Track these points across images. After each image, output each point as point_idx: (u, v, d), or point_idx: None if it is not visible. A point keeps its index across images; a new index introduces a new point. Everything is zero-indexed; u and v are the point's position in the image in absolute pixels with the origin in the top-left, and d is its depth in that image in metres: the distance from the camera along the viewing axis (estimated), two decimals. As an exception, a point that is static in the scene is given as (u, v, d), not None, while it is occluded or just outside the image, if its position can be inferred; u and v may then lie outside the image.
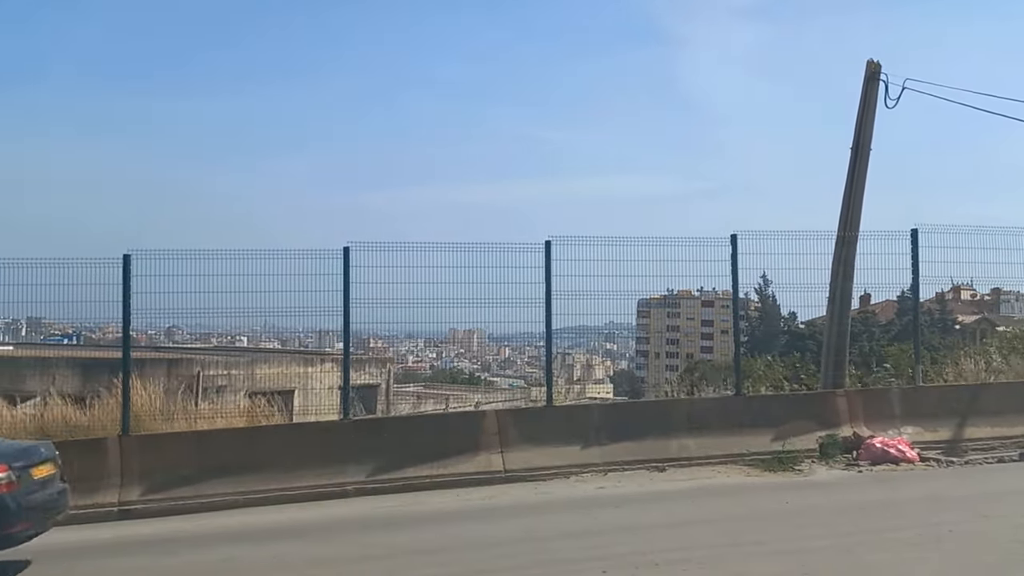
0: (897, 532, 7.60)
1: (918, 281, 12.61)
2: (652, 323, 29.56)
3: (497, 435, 11.03)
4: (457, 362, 42.41)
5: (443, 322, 12.79)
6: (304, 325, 13.57)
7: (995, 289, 27.58)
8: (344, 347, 11.61)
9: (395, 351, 22.30)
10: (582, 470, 10.89)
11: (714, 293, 18.46)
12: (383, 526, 8.96)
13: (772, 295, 27.48)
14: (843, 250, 12.86)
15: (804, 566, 6.67)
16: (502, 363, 52.06)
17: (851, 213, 13.04)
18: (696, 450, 11.19)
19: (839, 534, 7.61)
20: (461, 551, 7.83)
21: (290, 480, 10.33)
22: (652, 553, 7.23)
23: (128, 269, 10.55)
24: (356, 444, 10.66)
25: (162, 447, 10.50)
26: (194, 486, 10.12)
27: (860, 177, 13.17)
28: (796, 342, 22.97)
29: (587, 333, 14.57)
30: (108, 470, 10.04)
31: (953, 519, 7.93)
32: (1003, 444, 11.51)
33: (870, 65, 13.19)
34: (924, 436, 11.58)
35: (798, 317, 25.46)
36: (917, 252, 12.43)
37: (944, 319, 29.12)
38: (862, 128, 13.22)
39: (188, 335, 20.04)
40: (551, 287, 11.38)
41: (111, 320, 11.75)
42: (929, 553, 6.94)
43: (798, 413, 11.74)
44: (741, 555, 7.17)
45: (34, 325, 16.98)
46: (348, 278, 11.01)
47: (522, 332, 13.32)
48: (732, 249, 11.96)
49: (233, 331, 18.74)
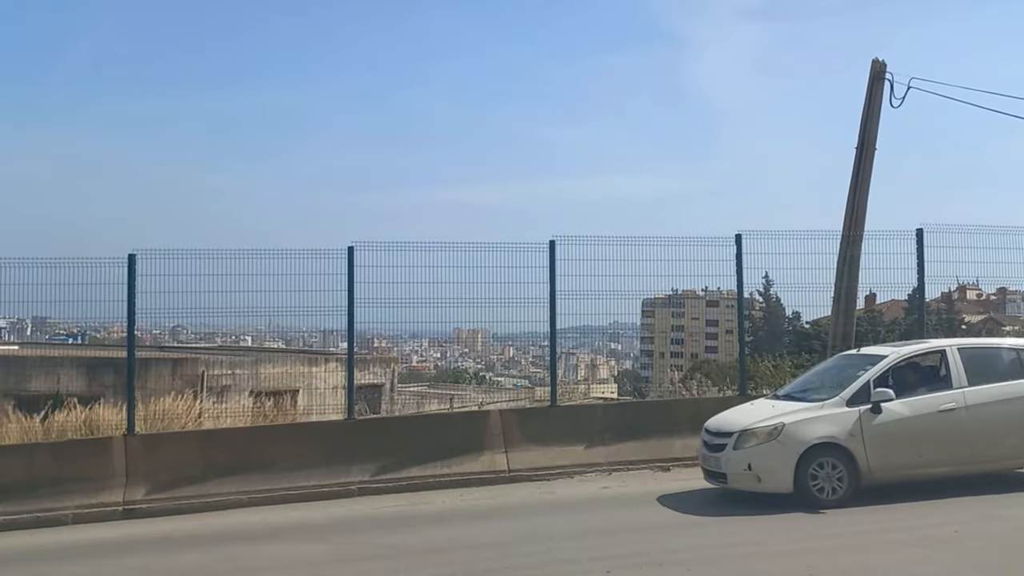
0: (902, 532, 7.59)
1: (923, 280, 12.55)
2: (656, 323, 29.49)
3: (501, 435, 11.03)
4: (461, 362, 42.40)
5: (447, 322, 12.79)
6: (308, 325, 13.58)
7: (1001, 289, 27.56)
8: (348, 347, 11.63)
9: (399, 351, 22.31)
10: (586, 470, 10.88)
11: (719, 293, 18.41)
12: (387, 526, 8.97)
13: (776, 295, 27.53)
14: (848, 249, 12.83)
15: (810, 567, 6.66)
16: (506, 363, 52.08)
17: (856, 212, 13.02)
18: (701, 450, 11.18)
19: (844, 534, 7.59)
20: (465, 551, 7.82)
21: (294, 480, 10.34)
22: (656, 553, 7.22)
23: (133, 268, 10.56)
24: (360, 444, 10.67)
25: (167, 446, 10.52)
26: (199, 485, 10.14)
27: (865, 176, 13.14)
28: (801, 342, 22.92)
29: (591, 333, 14.55)
30: (113, 470, 10.06)
31: (958, 519, 7.90)
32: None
33: (875, 64, 13.15)
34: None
35: (803, 317, 25.39)
36: (922, 251, 12.38)
37: (950, 319, 29.08)
38: (867, 127, 13.18)
39: (193, 335, 20.10)
40: (555, 287, 11.37)
41: (116, 320, 11.78)
42: (934, 553, 6.92)
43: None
44: (745, 555, 7.16)
45: (39, 325, 17.02)
46: (352, 278, 11.01)
47: (526, 332, 13.33)
48: (737, 249, 11.93)
49: (237, 331, 18.77)
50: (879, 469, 8.74)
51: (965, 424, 8.92)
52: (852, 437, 8.74)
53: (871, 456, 8.71)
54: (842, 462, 8.67)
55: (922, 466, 8.88)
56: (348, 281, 11.01)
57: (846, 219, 13.06)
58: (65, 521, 9.62)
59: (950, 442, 8.89)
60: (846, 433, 8.75)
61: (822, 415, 8.91)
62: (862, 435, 8.75)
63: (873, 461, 8.71)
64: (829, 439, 8.73)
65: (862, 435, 8.75)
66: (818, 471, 8.63)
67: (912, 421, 8.87)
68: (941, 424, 8.90)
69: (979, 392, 9.03)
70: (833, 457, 8.68)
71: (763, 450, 8.80)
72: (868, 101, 13.18)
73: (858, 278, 12.96)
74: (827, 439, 8.73)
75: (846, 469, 8.66)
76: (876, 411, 8.82)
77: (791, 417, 8.94)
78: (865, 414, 8.82)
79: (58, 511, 9.66)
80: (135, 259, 10.57)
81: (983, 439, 8.96)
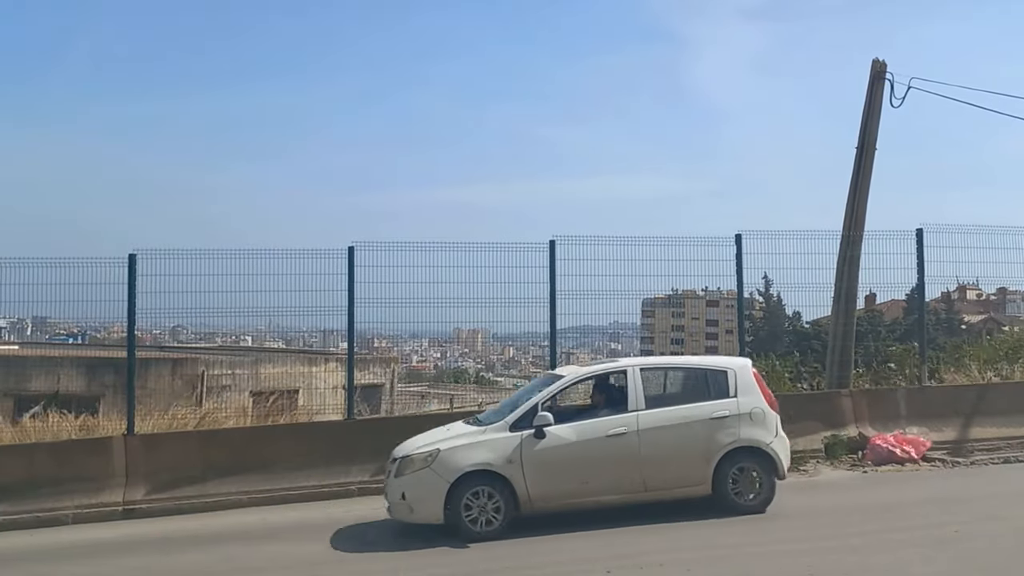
0: (902, 533, 7.58)
1: (923, 280, 12.57)
2: (657, 323, 29.38)
3: (501, 435, 10.99)
4: (461, 362, 42.38)
5: (447, 322, 12.80)
6: (308, 325, 13.57)
7: (1001, 289, 27.50)
8: (348, 347, 11.63)
9: (399, 351, 22.29)
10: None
11: (719, 293, 18.38)
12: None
13: (777, 295, 27.50)
14: (848, 249, 12.82)
15: (810, 567, 6.66)
16: (506, 363, 52.02)
17: (856, 212, 13.00)
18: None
19: (844, 535, 7.58)
20: (465, 550, 7.83)
21: (294, 480, 10.34)
22: (657, 553, 7.24)
23: (134, 268, 10.57)
24: (360, 444, 10.65)
25: (167, 447, 10.51)
26: (199, 485, 10.15)
27: (865, 177, 13.13)
28: (801, 342, 22.89)
29: (592, 333, 14.54)
30: (113, 470, 10.07)
31: (959, 520, 7.90)
32: (1009, 444, 11.46)
33: (875, 64, 13.14)
34: (930, 436, 11.51)
35: (803, 317, 25.35)
36: (922, 251, 12.40)
37: (950, 319, 29.05)
38: (867, 127, 13.17)
39: (193, 335, 20.09)
40: (555, 287, 11.38)
41: (116, 319, 11.78)
42: (935, 553, 6.91)
43: (803, 413, 11.67)
44: (745, 555, 7.17)
45: (39, 325, 17.01)
46: (353, 278, 11.03)
47: (526, 332, 13.32)
48: (737, 249, 11.95)
49: (238, 331, 18.75)
50: (540, 498, 8.22)
51: (636, 449, 8.37)
52: (511, 464, 8.19)
53: (531, 484, 8.17)
54: (499, 491, 8.13)
55: (588, 494, 8.34)
56: (348, 281, 11.02)
57: (846, 219, 13.05)
58: (65, 521, 9.63)
59: (619, 468, 8.35)
60: (504, 460, 8.20)
61: (482, 440, 8.36)
62: (521, 462, 8.20)
63: (533, 489, 8.18)
64: (485, 466, 8.18)
65: (521, 462, 8.20)
66: (473, 501, 8.09)
67: (577, 446, 8.32)
68: (609, 449, 8.35)
69: (654, 415, 8.50)
70: (490, 486, 8.14)
71: (417, 478, 8.23)
72: (868, 101, 13.18)
73: (858, 278, 12.95)
74: (482, 466, 8.18)
75: (503, 498, 8.12)
76: (539, 436, 8.26)
77: (449, 443, 8.40)
78: (527, 439, 8.26)
79: (58, 511, 9.67)
80: (135, 259, 10.58)
81: (654, 465, 8.40)
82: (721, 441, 8.55)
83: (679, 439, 8.50)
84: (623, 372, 8.86)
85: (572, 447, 8.34)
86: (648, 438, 8.43)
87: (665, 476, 8.49)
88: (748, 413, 8.67)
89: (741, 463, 8.58)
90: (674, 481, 8.52)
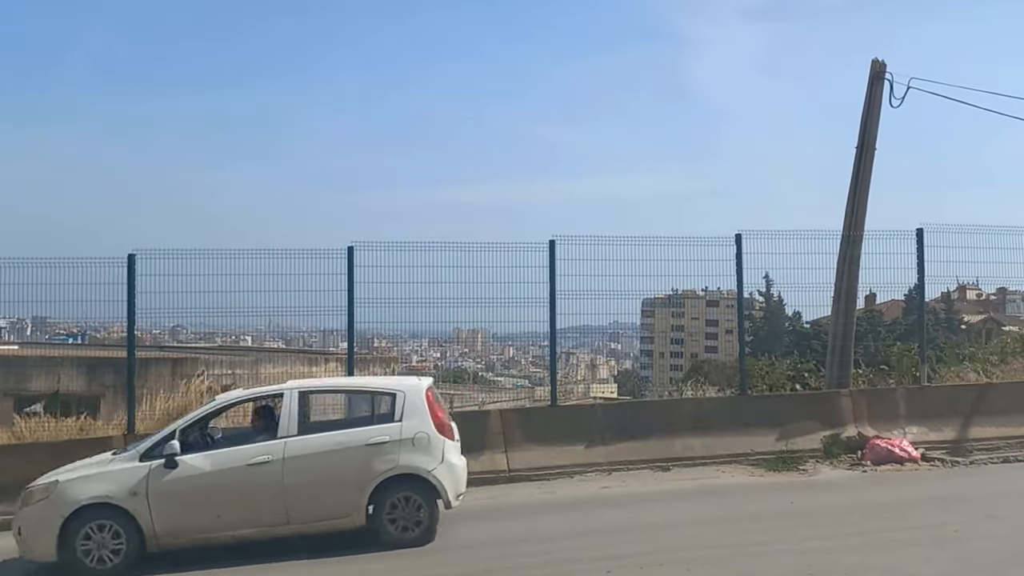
0: (902, 532, 7.58)
1: (923, 280, 12.59)
2: (656, 323, 29.37)
3: (501, 435, 11.03)
4: (461, 362, 42.40)
5: (447, 321, 12.84)
6: (308, 325, 13.60)
7: (1001, 288, 27.48)
8: (348, 347, 11.63)
9: (399, 351, 22.24)
10: (586, 469, 10.88)
11: (719, 293, 18.41)
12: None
13: (777, 295, 27.52)
14: (848, 249, 12.83)
15: (810, 567, 6.66)
16: (506, 363, 51.95)
17: (856, 212, 13.00)
18: (701, 450, 11.18)
19: (844, 534, 7.58)
20: (464, 550, 7.84)
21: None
22: (657, 553, 7.24)
23: (133, 268, 10.59)
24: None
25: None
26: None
27: (865, 177, 13.13)
28: (801, 342, 22.89)
29: (591, 333, 14.58)
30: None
31: (959, 519, 7.90)
32: (1009, 444, 11.46)
33: (875, 64, 13.13)
34: (929, 436, 11.54)
35: (803, 316, 25.37)
36: (922, 251, 12.41)
37: (950, 319, 29.05)
38: (867, 127, 13.17)
39: (193, 334, 20.08)
40: (555, 287, 11.39)
41: (116, 319, 11.80)
42: (935, 553, 6.92)
43: (803, 413, 11.72)
44: (745, 555, 7.17)
45: (39, 325, 17.02)
46: (352, 277, 11.05)
47: (526, 332, 13.35)
48: (737, 249, 11.95)
49: (237, 330, 18.76)
50: (167, 533, 7.72)
51: (279, 479, 7.82)
52: (134, 496, 7.65)
53: (156, 518, 7.66)
54: (122, 526, 7.62)
55: (222, 528, 7.81)
56: (348, 281, 11.03)
57: (846, 219, 13.05)
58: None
59: (259, 500, 7.82)
60: (127, 492, 7.66)
61: (107, 470, 7.86)
62: (147, 494, 7.67)
63: (160, 524, 7.67)
64: (104, 499, 7.63)
65: (147, 494, 7.67)
66: (93, 536, 7.59)
67: (212, 476, 7.80)
68: (249, 480, 7.82)
69: (303, 442, 7.96)
70: (112, 520, 7.62)
71: (35, 511, 7.75)
72: (868, 101, 13.18)
73: (858, 278, 12.96)
74: (101, 499, 7.63)
75: (126, 534, 7.62)
76: (171, 466, 7.74)
77: (71, 473, 7.91)
78: (155, 470, 7.74)
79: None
80: (135, 259, 10.60)
81: (300, 496, 7.85)
82: (377, 469, 7.96)
83: (329, 467, 7.92)
84: (280, 395, 8.31)
85: (205, 477, 7.82)
86: (293, 466, 7.87)
87: (312, 507, 7.92)
88: (411, 438, 8.07)
89: (401, 492, 7.98)
90: (323, 513, 7.94)
